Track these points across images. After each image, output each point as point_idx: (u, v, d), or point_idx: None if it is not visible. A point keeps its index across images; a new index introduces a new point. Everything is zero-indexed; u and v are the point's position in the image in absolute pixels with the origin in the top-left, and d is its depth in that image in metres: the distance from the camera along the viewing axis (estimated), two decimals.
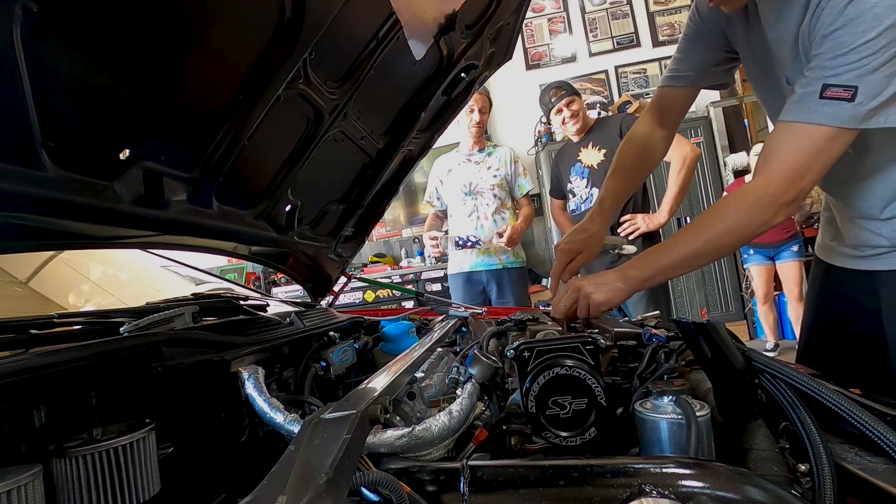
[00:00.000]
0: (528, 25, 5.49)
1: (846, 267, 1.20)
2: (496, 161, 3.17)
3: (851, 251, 1.18)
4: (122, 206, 0.80)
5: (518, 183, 3.20)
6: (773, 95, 1.14)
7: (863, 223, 1.12)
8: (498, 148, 3.26)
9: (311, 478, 0.46)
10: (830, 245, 1.26)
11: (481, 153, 3.18)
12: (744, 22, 1.15)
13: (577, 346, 0.74)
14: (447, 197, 3.23)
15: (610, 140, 2.72)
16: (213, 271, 2.50)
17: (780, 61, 1.06)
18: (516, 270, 3.16)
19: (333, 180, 1.44)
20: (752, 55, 1.17)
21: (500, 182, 3.12)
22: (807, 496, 0.56)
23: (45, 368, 0.63)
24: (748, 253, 4.48)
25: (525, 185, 3.21)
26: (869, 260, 1.14)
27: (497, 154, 3.20)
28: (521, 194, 3.21)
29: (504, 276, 3.10)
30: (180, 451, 0.76)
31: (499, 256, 3.09)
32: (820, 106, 0.92)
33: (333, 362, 1.17)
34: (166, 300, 1.12)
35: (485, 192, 3.12)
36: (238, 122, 0.93)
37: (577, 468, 0.56)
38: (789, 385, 0.69)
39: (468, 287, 3.14)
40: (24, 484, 0.53)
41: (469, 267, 3.13)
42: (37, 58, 0.60)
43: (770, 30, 1.05)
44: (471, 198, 3.12)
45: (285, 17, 0.87)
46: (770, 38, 1.06)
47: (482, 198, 3.11)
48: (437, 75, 1.42)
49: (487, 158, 3.18)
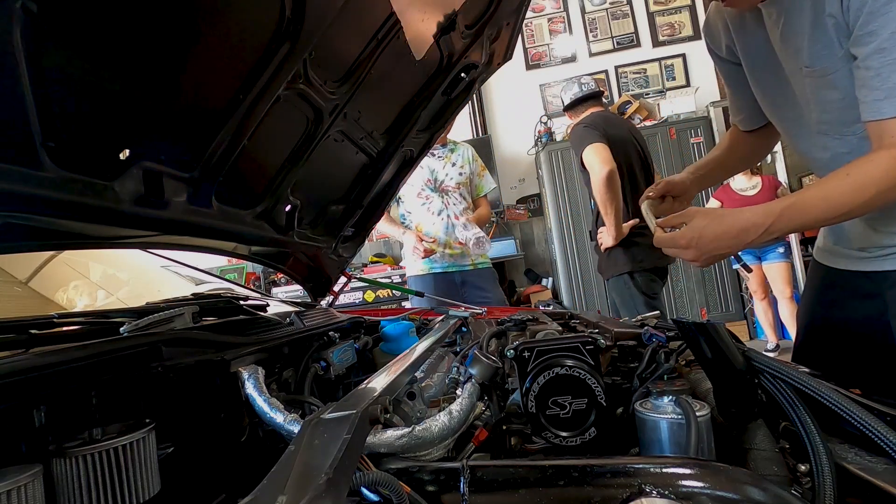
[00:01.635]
0: (528, 25, 5.49)
1: (850, 269, 1.20)
2: (460, 158, 3.06)
3: (858, 253, 1.17)
4: (122, 206, 0.80)
5: (477, 182, 3.11)
6: (778, 88, 1.13)
7: (877, 224, 1.11)
8: (459, 145, 3.13)
9: (311, 478, 0.46)
10: (833, 249, 1.25)
11: (444, 148, 3.04)
12: (740, 24, 1.15)
13: (577, 346, 0.74)
14: (406, 191, 3.00)
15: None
16: (213, 271, 2.50)
17: (792, 53, 1.04)
18: (487, 270, 3.09)
19: (333, 180, 1.44)
20: (754, 53, 1.16)
21: (465, 181, 3.04)
22: (807, 496, 0.56)
23: (45, 368, 0.63)
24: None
25: (485, 184, 3.13)
26: (876, 261, 1.13)
27: (459, 151, 3.08)
28: (479, 194, 3.13)
29: (477, 276, 3.02)
30: (180, 451, 0.76)
31: (471, 257, 2.99)
32: None
33: (333, 362, 1.17)
34: (166, 300, 1.11)
35: (450, 192, 3.01)
36: (238, 122, 0.93)
37: (577, 468, 0.56)
38: (789, 385, 0.69)
39: (439, 288, 2.94)
40: (24, 484, 0.53)
41: (440, 267, 2.99)
42: (37, 58, 0.60)
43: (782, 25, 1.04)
44: (437, 195, 2.99)
45: (285, 17, 0.87)
46: (778, 32, 1.05)
47: (449, 196, 3.00)
48: (437, 75, 1.42)
49: (451, 154, 3.05)
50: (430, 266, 3.01)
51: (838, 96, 1.01)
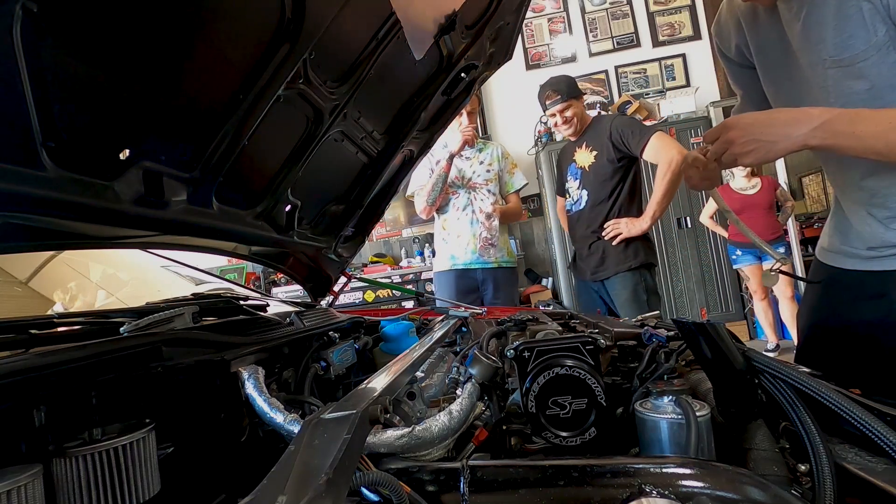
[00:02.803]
0: (528, 25, 5.49)
1: (856, 269, 1.19)
2: (488, 156, 3.11)
3: (867, 252, 1.16)
4: (122, 206, 0.80)
5: (506, 179, 3.15)
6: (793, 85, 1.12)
7: (890, 222, 1.11)
8: (488, 143, 3.19)
9: (311, 478, 0.46)
10: (841, 249, 1.24)
11: (472, 150, 3.10)
12: (754, 22, 1.14)
13: (577, 346, 0.74)
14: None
15: (601, 142, 2.64)
16: (213, 271, 2.50)
17: (814, 45, 1.03)
18: (510, 270, 3.13)
19: (333, 180, 1.44)
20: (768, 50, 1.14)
21: (493, 177, 3.08)
22: (807, 496, 0.56)
23: (45, 368, 0.63)
24: (736, 254, 4.53)
25: (515, 181, 3.16)
26: (886, 260, 1.13)
27: (488, 150, 3.14)
28: (509, 191, 3.17)
29: (500, 274, 3.06)
30: (180, 451, 0.76)
31: (494, 255, 3.02)
32: None
33: (333, 362, 1.17)
34: (166, 300, 1.12)
35: (479, 188, 3.05)
36: (238, 122, 0.93)
37: (577, 468, 0.56)
38: (789, 385, 0.69)
39: (461, 284, 3.02)
40: (24, 484, 0.53)
41: (462, 263, 3.02)
42: (37, 58, 0.60)
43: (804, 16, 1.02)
44: (464, 191, 3.04)
45: (285, 17, 0.87)
46: (799, 25, 1.03)
47: (476, 192, 3.04)
48: (437, 75, 1.42)
49: (479, 154, 3.11)
50: (453, 262, 3.04)
51: (865, 86, 1.00)
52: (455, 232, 3.04)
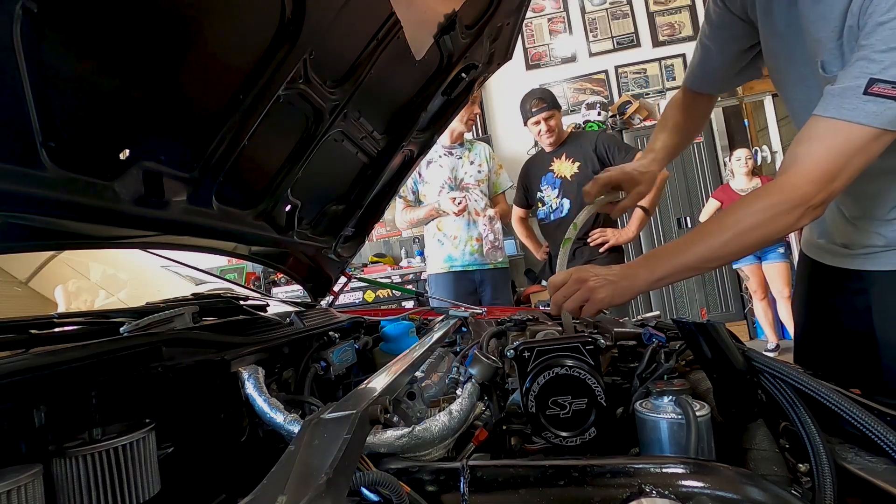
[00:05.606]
0: (528, 25, 5.48)
1: (835, 265, 1.19)
2: (478, 157, 3.09)
3: (842, 250, 1.16)
4: (122, 206, 0.80)
5: (493, 180, 3.16)
6: (796, 78, 1.06)
7: (861, 223, 1.10)
8: (475, 143, 3.17)
9: (311, 478, 0.46)
10: (818, 243, 1.24)
11: (461, 147, 3.07)
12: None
13: (577, 346, 0.74)
14: (428, 191, 3.05)
15: (585, 154, 2.83)
16: (213, 271, 2.50)
17: (816, 42, 0.96)
18: (504, 271, 3.14)
19: (333, 180, 1.43)
20: (777, 31, 1.07)
21: (483, 178, 3.08)
22: (807, 496, 0.56)
23: (45, 368, 0.63)
24: None
25: (502, 182, 3.19)
26: (858, 259, 1.12)
27: (477, 149, 3.12)
28: (497, 192, 3.17)
29: (496, 276, 3.07)
30: (180, 451, 0.76)
31: (490, 257, 3.01)
32: (863, 103, 0.83)
33: (333, 362, 1.17)
34: (166, 300, 1.11)
35: (472, 188, 3.03)
36: (238, 122, 0.93)
37: (577, 468, 0.56)
38: (789, 385, 0.69)
39: (459, 286, 3.00)
40: (24, 484, 0.53)
41: (460, 265, 3.00)
42: (37, 58, 0.60)
43: (811, 4, 0.95)
44: (458, 193, 2.99)
45: (285, 17, 0.87)
46: (808, 14, 0.97)
47: (469, 193, 3.01)
48: (437, 75, 1.42)
49: (468, 153, 3.08)
50: (450, 264, 3.03)
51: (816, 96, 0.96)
52: (451, 233, 3.01)
